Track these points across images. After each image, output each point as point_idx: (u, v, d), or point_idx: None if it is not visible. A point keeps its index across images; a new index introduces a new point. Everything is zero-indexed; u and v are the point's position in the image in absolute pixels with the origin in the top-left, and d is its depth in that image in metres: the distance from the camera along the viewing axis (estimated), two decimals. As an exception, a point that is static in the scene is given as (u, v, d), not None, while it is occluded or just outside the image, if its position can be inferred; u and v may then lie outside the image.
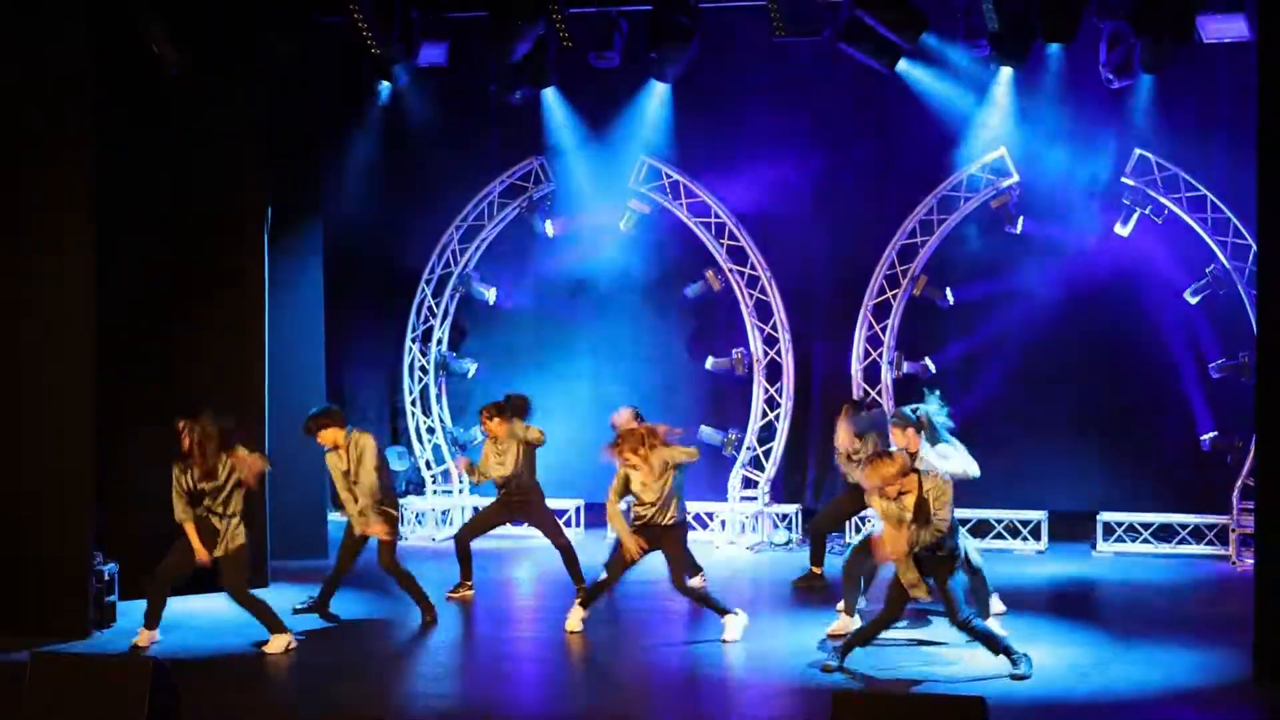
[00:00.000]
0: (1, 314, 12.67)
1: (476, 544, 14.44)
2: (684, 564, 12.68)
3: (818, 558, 14.74)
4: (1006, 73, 16.78)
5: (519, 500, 14.29)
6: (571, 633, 12.64)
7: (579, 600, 12.85)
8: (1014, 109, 17.12)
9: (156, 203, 14.25)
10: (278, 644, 12.04)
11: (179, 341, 14.30)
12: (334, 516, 16.12)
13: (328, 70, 17.00)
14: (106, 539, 13.07)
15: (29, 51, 12.65)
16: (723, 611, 12.48)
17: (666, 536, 12.44)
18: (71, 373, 12.64)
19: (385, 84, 17.77)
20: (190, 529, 12.02)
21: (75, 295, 12.62)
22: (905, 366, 17.18)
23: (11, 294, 12.66)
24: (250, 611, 12.12)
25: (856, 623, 12.29)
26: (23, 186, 12.68)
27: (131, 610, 12.69)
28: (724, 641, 12.32)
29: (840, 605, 12.93)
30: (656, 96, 17.82)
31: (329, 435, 13.04)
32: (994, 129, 17.12)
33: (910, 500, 10.99)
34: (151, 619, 12.23)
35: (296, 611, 13.32)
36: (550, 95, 18.06)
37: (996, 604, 12.94)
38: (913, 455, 12.27)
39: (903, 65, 16.26)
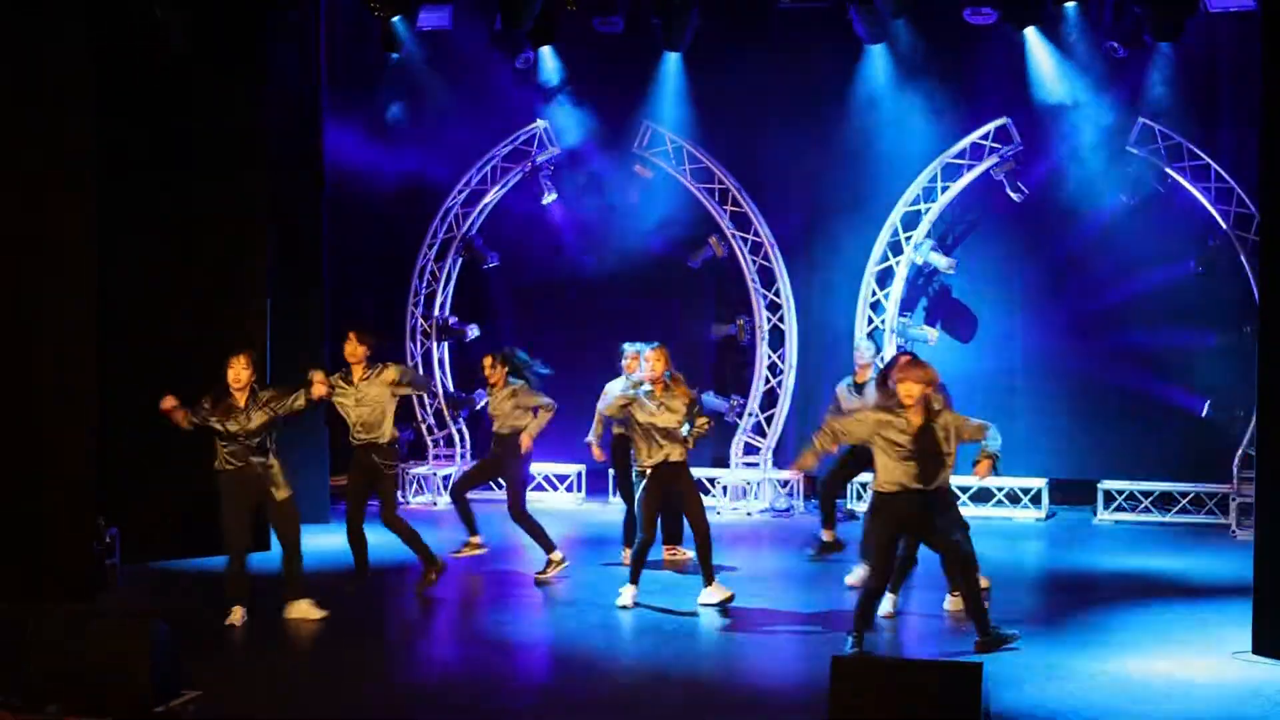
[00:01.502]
0: (5, 302, 12.67)
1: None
2: (699, 500, 12.63)
3: (829, 521, 14.73)
4: (1014, 36, 16.77)
5: (499, 452, 14.15)
6: (622, 608, 12.43)
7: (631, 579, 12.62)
8: (1018, 76, 17.08)
9: (159, 188, 14.37)
10: (302, 609, 11.94)
11: (179, 315, 14.47)
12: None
13: (330, 36, 16.96)
14: (107, 504, 13.12)
15: (29, 51, 12.61)
16: (711, 578, 12.51)
17: (681, 474, 12.49)
18: (74, 344, 12.69)
19: (388, 48, 17.74)
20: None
21: (78, 280, 12.68)
22: (907, 333, 17.17)
23: (14, 283, 12.66)
24: (289, 569, 11.98)
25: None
26: (22, 187, 12.66)
27: (133, 574, 12.72)
28: (701, 604, 12.38)
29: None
30: (661, 62, 17.77)
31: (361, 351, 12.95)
32: (1000, 95, 17.09)
33: (918, 420, 10.73)
34: (239, 593, 11.91)
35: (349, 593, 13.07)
36: (555, 59, 18.02)
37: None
38: None
39: (913, 30, 16.33)
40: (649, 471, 12.44)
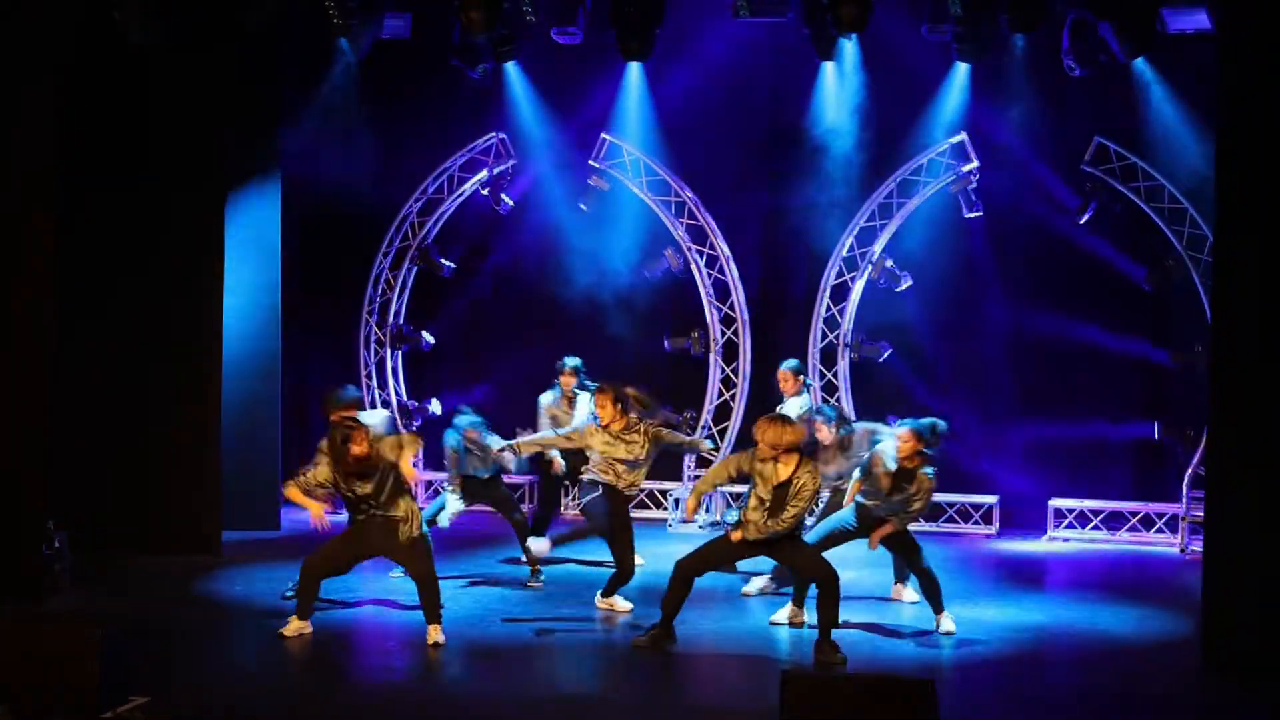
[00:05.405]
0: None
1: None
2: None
3: None
4: (969, 58, 16.82)
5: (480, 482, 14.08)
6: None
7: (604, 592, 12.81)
8: (976, 94, 17.15)
9: (116, 191, 14.44)
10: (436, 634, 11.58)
11: (134, 322, 14.55)
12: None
13: (287, 42, 16.89)
14: (56, 507, 13.02)
15: None
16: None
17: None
18: (27, 342, 12.61)
19: (347, 55, 17.66)
20: (296, 495, 11.39)
21: (36, 284, 12.62)
22: (862, 349, 17.21)
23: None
24: (425, 597, 11.59)
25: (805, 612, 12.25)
26: None
27: (83, 576, 12.64)
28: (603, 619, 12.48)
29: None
30: (619, 74, 17.76)
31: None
32: (956, 113, 17.15)
33: (785, 471, 11.11)
34: (303, 609, 11.66)
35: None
36: (512, 70, 17.99)
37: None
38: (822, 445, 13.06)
39: (869, 47, 16.36)
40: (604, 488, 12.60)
